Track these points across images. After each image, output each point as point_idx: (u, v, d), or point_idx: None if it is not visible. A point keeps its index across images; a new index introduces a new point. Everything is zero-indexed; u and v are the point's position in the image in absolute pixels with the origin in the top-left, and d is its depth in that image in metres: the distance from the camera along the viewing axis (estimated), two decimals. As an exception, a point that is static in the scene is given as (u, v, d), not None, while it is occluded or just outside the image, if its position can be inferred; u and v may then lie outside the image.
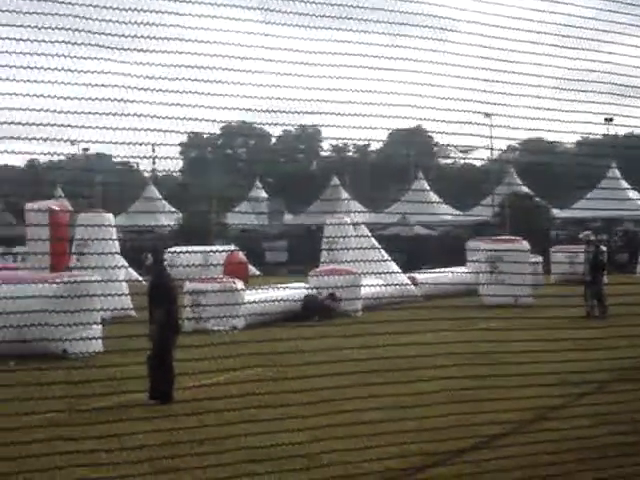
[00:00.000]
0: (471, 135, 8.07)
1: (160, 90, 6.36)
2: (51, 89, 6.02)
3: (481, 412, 8.10)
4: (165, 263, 13.50)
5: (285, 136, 79.55)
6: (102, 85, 6.18)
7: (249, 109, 7.14)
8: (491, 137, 8.79)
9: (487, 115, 8.23)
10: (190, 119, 6.61)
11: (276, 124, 7.86)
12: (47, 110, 5.94)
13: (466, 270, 29.68)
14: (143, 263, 12.27)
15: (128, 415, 9.17)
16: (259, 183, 65.12)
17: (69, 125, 6.08)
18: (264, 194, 64.18)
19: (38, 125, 6.00)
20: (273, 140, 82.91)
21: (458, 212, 51.42)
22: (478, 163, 52.64)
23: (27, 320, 13.51)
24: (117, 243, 25.90)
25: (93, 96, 6.14)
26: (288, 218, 59.87)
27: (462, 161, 57.59)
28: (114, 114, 6.23)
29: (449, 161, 69.17)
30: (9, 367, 13.81)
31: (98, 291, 17.03)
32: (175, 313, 12.91)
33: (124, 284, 23.74)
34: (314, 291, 25.57)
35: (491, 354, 9.27)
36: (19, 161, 58.29)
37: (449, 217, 50.38)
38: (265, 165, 75.31)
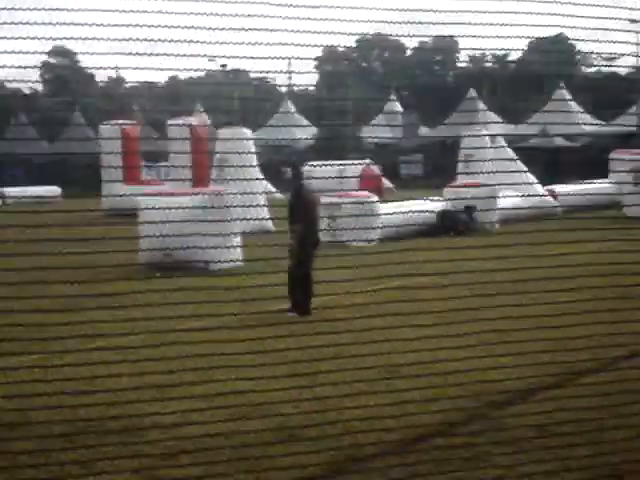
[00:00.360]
0: (616, 42, 7.71)
1: (297, 4, 6.36)
2: (191, 6, 6.12)
3: (614, 334, 7.91)
4: (304, 177, 13.60)
5: (421, 47, 78.09)
6: (240, 1, 6.22)
7: (384, 20, 7.05)
8: (637, 44, 8.40)
9: (633, 22, 7.86)
10: (326, 32, 6.59)
11: (412, 35, 7.71)
12: (188, 27, 6.04)
13: (609, 182, 28.78)
14: (283, 177, 12.45)
15: (267, 327, 9.43)
16: (394, 96, 64.52)
17: (209, 42, 6.18)
18: (399, 107, 63.59)
19: (178, 42, 6.12)
20: (409, 52, 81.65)
21: (601, 122, 49.57)
22: (623, 72, 50.38)
23: (171, 234, 14.09)
24: (255, 158, 26.33)
25: (231, 12, 6.20)
26: (424, 131, 59.20)
27: (606, 70, 55.23)
28: (251, 29, 6.28)
29: (592, 70, 66.43)
30: (155, 277, 14.44)
31: (238, 205, 17.43)
32: (314, 227, 13.09)
33: (262, 199, 24.20)
34: (450, 205, 25.40)
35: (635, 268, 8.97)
36: (160, 78, 59.54)
37: (591, 128, 48.66)
38: (400, 78, 74.39)
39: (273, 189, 35.76)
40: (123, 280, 11.64)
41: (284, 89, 68.22)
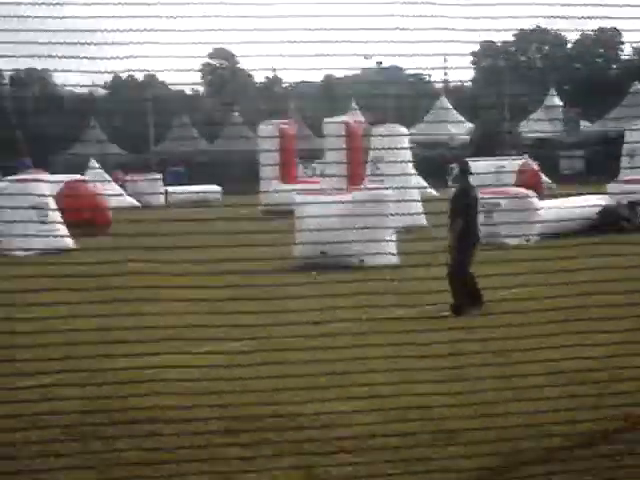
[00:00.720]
0: None
1: (449, 2, 6.27)
2: (346, 6, 6.16)
3: None
4: (470, 175, 13.25)
5: (582, 40, 75.65)
6: (395, 1, 6.20)
7: (543, 14, 6.85)
8: None
9: None
10: (482, 27, 6.47)
11: (572, 28, 7.44)
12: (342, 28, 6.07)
13: None
14: (449, 174, 12.34)
15: (421, 324, 9.34)
16: (554, 90, 62.81)
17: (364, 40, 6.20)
18: (559, 102, 61.85)
19: (333, 41, 6.16)
20: (569, 45, 79.26)
21: None
22: None
23: (327, 232, 14.27)
24: (410, 155, 26.22)
25: (384, 11, 6.19)
26: (585, 126, 57.31)
27: None
28: (404, 28, 6.24)
29: None
30: (312, 277, 14.61)
31: (392, 203, 17.38)
32: (475, 225, 12.87)
33: (417, 196, 24.05)
34: (612, 201, 24.42)
35: None
36: (316, 77, 60.19)
37: None
38: (560, 71, 72.33)
39: (427, 186, 35.53)
40: (280, 276, 11.84)
41: (440, 85, 67.68)
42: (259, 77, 77.29)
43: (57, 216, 22.16)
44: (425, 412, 6.92)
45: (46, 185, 23.49)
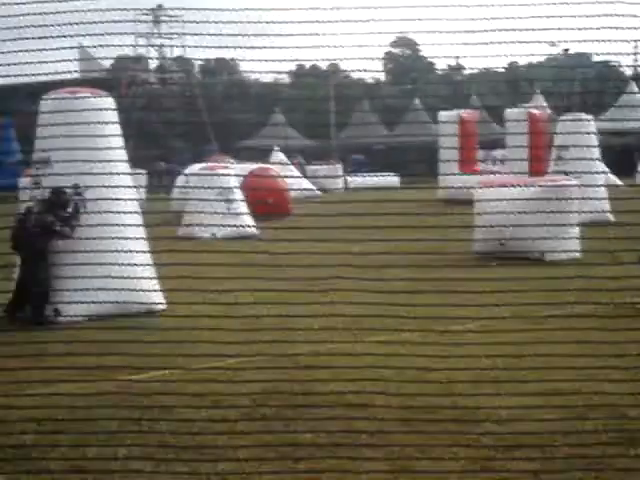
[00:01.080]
0: None
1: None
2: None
3: None
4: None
5: None
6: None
7: None
8: None
9: None
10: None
11: None
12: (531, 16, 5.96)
13: None
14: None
15: (610, 322, 9.01)
16: None
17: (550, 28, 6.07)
18: None
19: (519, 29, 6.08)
20: None
21: None
22: None
23: (507, 223, 14.01)
24: (597, 145, 25.33)
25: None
26: None
27: None
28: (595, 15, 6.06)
29: None
30: (491, 266, 14.40)
31: (577, 195, 16.87)
32: None
33: (603, 189, 23.26)
34: None
35: None
36: (500, 64, 58.91)
37: None
38: None
39: (614, 178, 34.30)
40: (459, 267, 11.74)
41: (629, 72, 64.91)
42: (441, 65, 76.70)
43: (243, 203, 22.97)
44: (608, 411, 6.72)
45: (233, 172, 24.34)
